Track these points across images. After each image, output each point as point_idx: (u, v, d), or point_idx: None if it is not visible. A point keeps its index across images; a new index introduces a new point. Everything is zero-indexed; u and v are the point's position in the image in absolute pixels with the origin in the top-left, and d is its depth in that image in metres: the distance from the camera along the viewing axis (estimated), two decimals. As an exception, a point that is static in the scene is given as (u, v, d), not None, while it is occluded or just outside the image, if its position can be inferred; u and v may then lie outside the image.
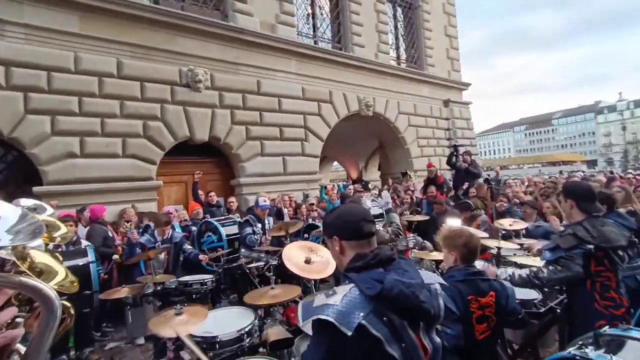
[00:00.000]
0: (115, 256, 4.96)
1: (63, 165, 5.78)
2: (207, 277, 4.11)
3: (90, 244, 4.62)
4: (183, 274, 4.55)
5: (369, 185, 12.15)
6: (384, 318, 1.12)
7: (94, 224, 5.21)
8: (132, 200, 6.29)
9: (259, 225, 5.66)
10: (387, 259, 1.23)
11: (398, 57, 12.17)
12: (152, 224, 5.09)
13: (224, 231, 5.45)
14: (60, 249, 4.30)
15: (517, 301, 2.20)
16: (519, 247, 4.00)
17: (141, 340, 4.63)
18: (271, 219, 6.13)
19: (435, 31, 12.92)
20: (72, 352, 4.32)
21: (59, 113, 5.79)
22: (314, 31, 10.03)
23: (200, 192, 6.87)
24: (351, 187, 9.47)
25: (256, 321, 2.58)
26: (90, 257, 4.18)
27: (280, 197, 7.45)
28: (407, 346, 1.14)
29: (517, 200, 6.52)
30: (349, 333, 1.06)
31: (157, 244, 4.46)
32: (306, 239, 5.67)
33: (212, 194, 6.92)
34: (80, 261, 4.07)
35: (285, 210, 6.99)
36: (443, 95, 12.94)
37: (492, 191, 5.73)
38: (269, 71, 8.42)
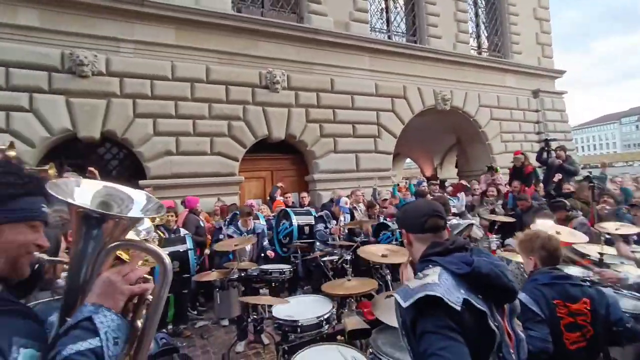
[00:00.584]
0: (207, 251, 5.55)
1: (162, 162, 6.56)
2: (286, 267, 4.35)
3: (188, 232, 5.19)
4: (265, 262, 4.88)
5: (445, 184, 11.59)
6: (479, 295, 1.16)
7: (189, 213, 5.82)
8: (217, 194, 6.88)
9: (334, 222, 5.81)
10: (462, 245, 1.30)
11: (479, 46, 11.38)
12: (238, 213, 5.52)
13: (295, 219, 5.71)
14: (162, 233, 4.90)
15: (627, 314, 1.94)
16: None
17: (225, 322, 5.07)
18: (348, 216, 6.26)
19: (523, 15, 11.80)
20: (170, 327, 4.91)
21: (159, 116, 6.58)
22: (388, 25, 9.87)
23: (277, 193, 7.23)
24: (424, 184, 9.14)
25: (334, 310, 2.67)
26: (189, 244, 4.70)
27: (352, 194, 7.52)
28: (499, 326, 1.16)
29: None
30: (458, 308, 1.09)
31: (242, 235, 4.83)
32: (377, 237, 5.69)
33: (288, 195, 7.25)
34: (181, 247, 4.60)
35: (358, 206, 7.03)
36: (532, 85, 11.77)
37: (594, 190, 5.04)
38: (343, 69, 8.52)
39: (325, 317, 2.56)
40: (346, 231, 5.81)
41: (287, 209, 6.11)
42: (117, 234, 0.92)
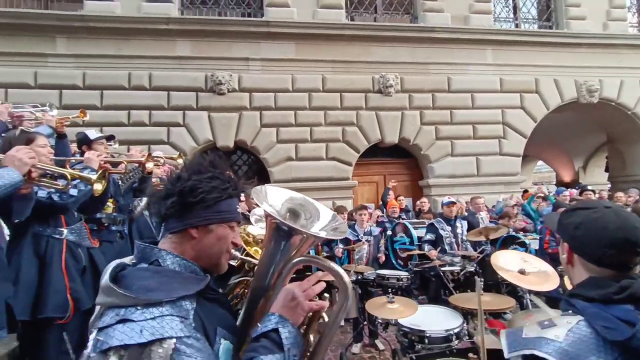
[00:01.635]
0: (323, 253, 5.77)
1: (284, 167, 7.13)
2: (403, 274, 4.23)
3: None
4: (379, 267, 4.84)
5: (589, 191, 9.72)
6: None
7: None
8: (332, 198, 7.13)
9: (448, 228, 5.40)
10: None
11: None
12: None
13: (416, 234, 5.48)
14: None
15: None
16: None
17: (342, 322, 5.17)
18: (465, 223, 5.76)
19: None
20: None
21: (281, 125, 7.17)
22: (515, 13, 8.84)
23: (390, 195, 7.12)
24: (567, 193, 7.82)
25: (465, 324, 2.47)
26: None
27: (472, 201, 6.90)
28: None
29: None
30: None
31: (359, 237, 4.88)
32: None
33: (401, 198, 7.07)
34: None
35: (482, 215, 6.42)
36: None
37: None
38: (461, 66, 7.95)
39: (455, 331, 2.37)
40: (466, 241, 5.34)
41: (406, 222, 5.89)
42: (304, 248, 1.00)
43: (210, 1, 7.42)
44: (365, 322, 3.92)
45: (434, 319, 2.55)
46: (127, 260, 0.91)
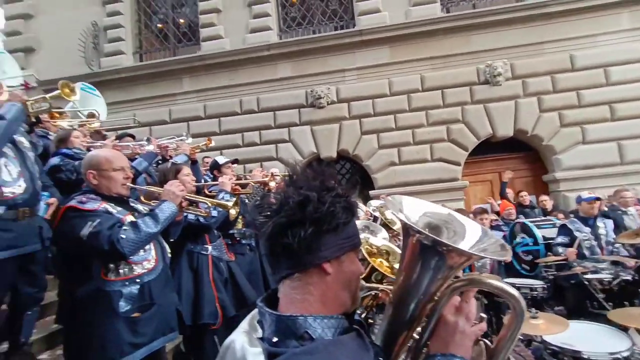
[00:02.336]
0: None
1: (387, 172, 7.04)
2: (537, 283, 3.76)
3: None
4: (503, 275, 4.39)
5: None
6: None
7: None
8: (441, 201, 6.73)
9: (586, 229, 4.58)
10: None
11: None
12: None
13: (539, 233, 4.82)
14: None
15: None
16: None
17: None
18: (609, 222, 4.84)
19: None
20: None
21: (382, 131, 7.11)
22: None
23: (508, 190, 6.44)
24: None
25: (635, 348, 2.05)
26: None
27: (616, 194, 5.77)
28: None
29: None
30: None
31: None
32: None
33: (524, 193, 6.32)
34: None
35: (631, 210, 5.33)
36: None
37: None
38: (586, 39, 6.80)
39: (624, 355, 1.99)
40: (614, 243, 4.47)
41: (526, 221, 5.25)
42: (455, 271, 0.82)
43: (305, 21, 7.84)
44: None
45: (589, 338, 2.18)
46: (248, 329, 0.77)
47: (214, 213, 2.75)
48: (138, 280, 1.83)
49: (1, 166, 2.49)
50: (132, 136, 4.28)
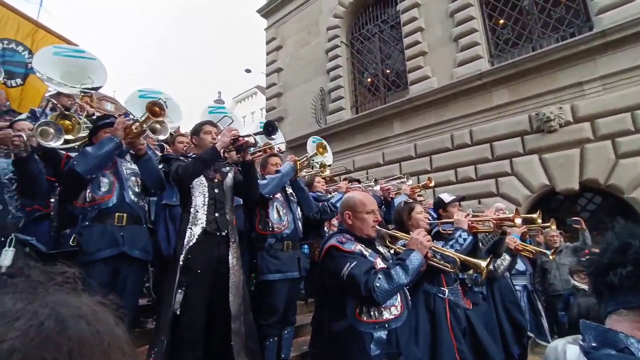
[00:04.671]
0: None
1: (669, 208, 5.08)
2: None
3: None
4: None
5: None
6: None
7: None
8: None
9: None
10: None
11: None
12: None
13: None
14: None
15: None
16: None
17: None
18: None
19: None
20: None
21: (652, 151, 5.29)
22: None
23: None
24: None
25: None
26: None
27: None
28: None
29: None
30: None
31: None
32: None
33: None
34: None
35: None
36: None
37: None
38: None
39: None
40: None
41: None
42: None
43: (522, 40, 7.03)
44: None
45: None
46: (570, 339, 0.89)
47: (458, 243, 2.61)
48: (386, 326, 1.88)
49: (273, 208, 3.24)
50: (358, 180, 4.75)
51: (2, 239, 1.80)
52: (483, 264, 2.19)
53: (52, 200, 2.76)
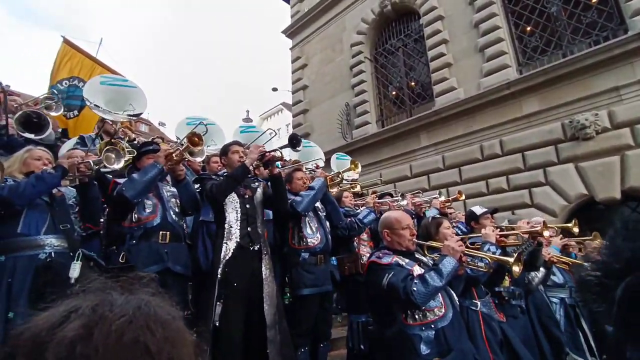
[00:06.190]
0: None
1: None
2: None
3: None
4: None
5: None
6: None
7: None
8: None
9: None
10: None
11: None
12: None
13: None
14: None
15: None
16: None
17: None
18: None
19: None
20: None
21: (701, 156, 4.99)
22: None
23: None
24: None
25: None
26: None
27: None
28: None
29: None
30: None
31: None
32: None
33: None
34: None
35: None
36: None
37: None
38: None
39: None
40: None
41: None
42: None
43: (551, 46, 6.90)
44: None
45: None
46: None
47: (481, 265, 2.59)
48: (432, 326, 2.04)
49: (305, 223, 3.35)
50: (391, 194, 4.79)
51: (71, 254, 2.03)
52: (511, 260, 2.26)
53: (102, 220, 3.00)
